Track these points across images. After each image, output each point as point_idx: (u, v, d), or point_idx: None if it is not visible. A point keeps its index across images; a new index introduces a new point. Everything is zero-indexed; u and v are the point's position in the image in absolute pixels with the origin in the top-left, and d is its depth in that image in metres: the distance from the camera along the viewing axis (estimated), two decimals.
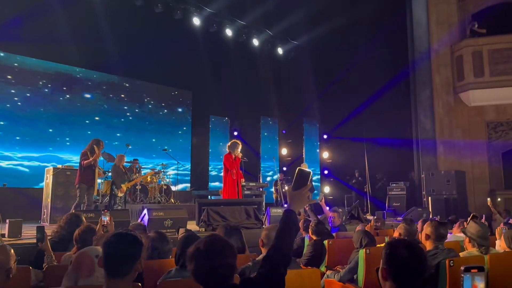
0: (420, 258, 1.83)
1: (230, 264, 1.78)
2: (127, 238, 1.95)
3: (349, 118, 14.47)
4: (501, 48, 11.42)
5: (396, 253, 1.82)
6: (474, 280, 1.35)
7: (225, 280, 1.75)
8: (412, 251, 1.82)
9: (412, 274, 1.80)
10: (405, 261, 1.79)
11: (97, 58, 10.95)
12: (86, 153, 7.15)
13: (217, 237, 1.90)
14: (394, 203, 11.68)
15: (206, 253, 1.76)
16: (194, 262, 1.75)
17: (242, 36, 13.67)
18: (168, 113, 13.47)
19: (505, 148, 11.78)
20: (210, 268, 1.73)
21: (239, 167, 8.14)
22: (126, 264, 1.88)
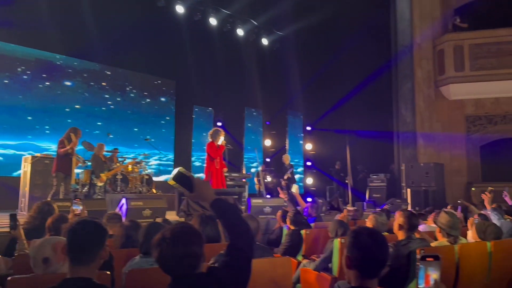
0: (382, 246, 1.85)
1: (196, 252, 1.73)
2: (90, 225, 1.93)
3: (332, 110, 14.57)
4: (482, 43, 11.60)
5: (359, 241, 1.84)
6: (428, 270, 1.38)
7: (190, 269, 1.72)
8: (374, 239, 1.84)
9: (375, 262, 1.82)
10: (368, 249, 1.81)
11: (78, 45, 10.73)
12: (63, 141, 7.05)
13: (184, 225, 1.86)
14: (374, 195, 11.86)
15: (171, 240, 1.71)
16: (158, 249, 1.72)
17: (226, 25, 13.58)
18: (150, 102, 13.33)
19: (483, 141, 12.03)
20: (174, 256, 1.70)
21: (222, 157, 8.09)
22: (89, 251, 1.87)
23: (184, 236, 1.75)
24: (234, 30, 13.83)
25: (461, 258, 3.29)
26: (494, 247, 3.50)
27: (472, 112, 12.13)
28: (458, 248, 3.32)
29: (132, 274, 2.23)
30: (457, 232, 3.61)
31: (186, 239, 1.73)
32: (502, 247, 3.58)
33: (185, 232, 1.77)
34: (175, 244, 1.71)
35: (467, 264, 3.32)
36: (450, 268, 3.24)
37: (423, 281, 1.37)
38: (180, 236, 1.74)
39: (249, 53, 14.08)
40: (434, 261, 1.39)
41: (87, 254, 1.86)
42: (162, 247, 1.71)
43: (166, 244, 1.71)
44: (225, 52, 13.18)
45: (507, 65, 11.29)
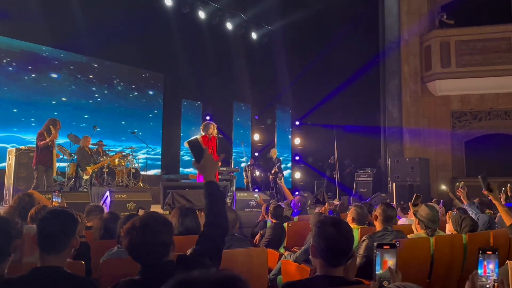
0: (345, 235, 1.90)
1: (165, 241, 1.77)
2: (61, 214, 1.95)
3: (320, 105, 14.63)
4: (468, 39, 11.73)
5: (323, 231, 1.89)
6: (384, 256, 1.44)
7: (159, 257, 1.75)
8: (338, 228, 1.89)
9: (338, 250, 1.86)
10: (331, 238, 1.86)
11: (65, 37, 10.62)
12: (42, 134, 6.98)
13: (154, 214, 1.91)
14: (361, 189, 11.98)
15: (139, 229, 1.75)
16: (128, 237, 1.75)
17: (215, 19, 13.52)
18: (138, 95, 13.26)
19: (468, 137, 12.20)
20: (143, 244, 1.73)
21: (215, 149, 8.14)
22: (59, 240, 1.88)
23: (153, 224, 1.78)
24: (223, 23, 13.79)
25: (436, 250, 3.36)
26: (469, 239, 3.58)
27: (458, 108, 12.29)
28: (434, 240, 3.39)
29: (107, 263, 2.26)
30: (435, 225, 3.68)
31: (155, 228, 1.77)
32: (477, 239, 3.66)
33: (154, 221, 1.81)
34: (144, 232, 1.75)
35: (442, 256, 3.39)
36: (425, 259, 3.31)
37: (380, 267, 1.44)
38: (149, 224, 1.77)
39: (238, 47, 14.05)
40: (390, 249, 1.45)
41: (57, 242, 1.87)
42: (131, 235, 1.75)
43: (135, 232, 1.75)
44: (214, 45, 13.14)
45: (492, 62, 11.45)
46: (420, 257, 3.26)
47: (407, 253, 3.15)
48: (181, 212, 3.21)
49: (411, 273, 3.19)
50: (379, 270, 1.43)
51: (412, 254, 3.20)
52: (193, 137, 2.04)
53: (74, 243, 1.93)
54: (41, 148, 6.94)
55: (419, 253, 3.26)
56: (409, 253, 3.17)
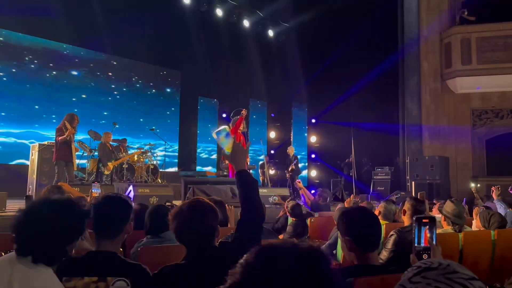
0: (372, 219, 1.98)
1: (211, 225, 1.83)
2: (116, 200, 1.98)
3: (337, 103, 14.54)
4: (489, 36, 11.52)
5: (348, 217, 1.95)
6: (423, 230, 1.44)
7: (206, 241, 1.81)
8: (364, 213, 1.98)
9: (367, 233, 1.89)
10: (357, 221, 1.92)
11: (85, 35, 10.77)
12: (61, 129, 7.10)
13: (200, 199, 1.95)
14: (379, 187, 11.87)
15: (188, 212, 1.81)
16: (176, 221, 1.82)
17: (232, 16, 13.55)
18: (156, 93, 13.38)
19: (489, 135, 11.99)
20: (190, 227, 1.79)
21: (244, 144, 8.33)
22: (115, 225, 1.91)
23: (200, 209, 1.84)
24: (240, 21, 13.81)
25: (465, 246, 3.32)
26: (498, 236, 3.53)
27: (479, 106, 12.08)
28: (462, 236, 3.35)
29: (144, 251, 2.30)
30: (462, 221, 3.64)
31: (201, 213, 1.83)
32: (505, 236, 3.61)
33: (201, 205, 1.87)
34: (192, 216, 1.81)
35: (471, 252, 3.35)
36: (453, 255, 3.27)
37: (418, 240, 1.44)
38: (197, 209, 1.84)
39: (255, 44, 14.06)
40: (429, 222, 1.45)
41: (113, 227, 1.90)
42: (179, 218, 1.82)
43: (184, 216, 1.81)
44: (230, 43, 13.17)
45: None
46: (449, 252, 3.22)
47: None
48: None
49: None
50: (418, 243, 1.44)
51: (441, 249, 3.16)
52: (221, 127, 2.04)
53: (128, 228, 1.96)
54: (60, 143, 7.06)
55: (448, 249, 3.22)
56: None
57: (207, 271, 1.64)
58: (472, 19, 11.83)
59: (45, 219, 1.60)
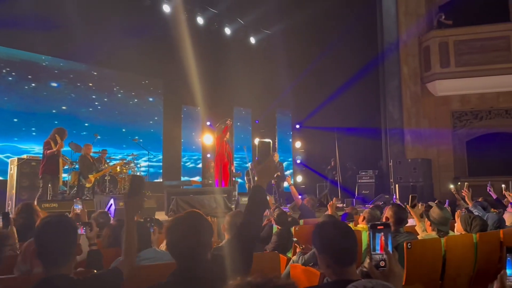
0: (347, 233, 1.90)
1: (205, 240, 1.80)
2: (57, 224, 1.83)
3: (320, 108, 14.62)
4: (466, 39, 11.74)
5: (325, 234, 1.88)
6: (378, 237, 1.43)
7: (198, 256, 1.77)
8: (338, 227, 1.92)
9: (345, 249, 1.84)
10: (334, 238, 1.84)
11: (64, 46, 10.61)
12: (49, 143, 6.98)
13: (195, 214, 1.90)
14: (363, 191, 11.95)
15: (182, 228, 1.77)
16: (169, 236, 1.78)
17: (214, 24, 13.55)
18: (138, 102, 13.25)
19: (469, 136, 12.19)
20: (184, 242, 1.75)
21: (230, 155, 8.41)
22: (61, 252, 1.78)
23: (194, 224, 1.80)
24: (221, 29, 13.81)
25: (448, 251, 3.34)
26: (480, 239, 3.56)
27: (458, 108, 12.29)
28: (445, 240, 3.36)
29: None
30: (447, 228, 3.67)
31: (196, 228, 1.78)
32: (487, 239, 3.64)
33: (195, 220, 1.82)
34: (186, 231, 1.76)
35: (454, 256, 3.37)
36: (437, 260, 3.29)
37: (375, 248, 1.42)
38: (191, 224, 1.79)
39: (237, 52, 14.06)
40: (384, 229, 1.43)
41: (59, 255, 1.77)
42: (172, 234, 1.78)
43: (177, 231, 1.77)
44: (213, 51, 13.15)
45: (491, 61, 11.46)
46: (432, 258, 3.24)
47: (419, 254, 3.12)
48: None
49: (424, 274, 3.17)
50: (374, 250, 1.42)
51: (424, 255, 3.17)
52: (267, 139, 2.03)
53: (77, 251, 1.87)
54: (48, 157, 6.94)
55: (431, 254, 3.24)
56: (421, 254, 3.14)
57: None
58: (450, 23, 12.06)
59: None
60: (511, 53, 11.38)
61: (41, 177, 6.97)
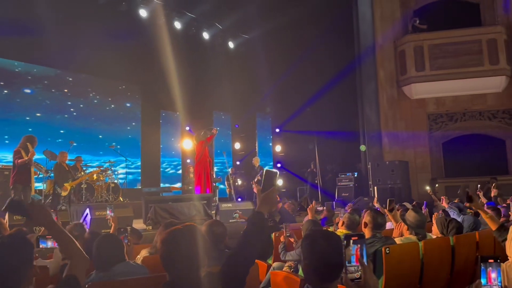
0: (337, 248, 1.73)
1: (200, 255, 1.76)
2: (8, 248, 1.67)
3: (300, 112, 14.70)
4: (440, 43, 12.01)
5: (313, 246, 1.79)
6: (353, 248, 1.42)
7: (191, 271, 1.73)
8: (329, 242, 1.78)
9: (331, 266, 1.75)
10: (323, 253, 1.75)
11: (37, 51, 10.35)
12: (19, 151, 6.75)
13: (191, 227, 1.85)
14: (343, 194, 12.04)
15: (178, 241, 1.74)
16: (164, 248, 1.74)
17: (191, 29, 13.46)
18: (115, 108, 13.03)
19: (445, 138, 12.45)
20: (179, 256, 1.72)
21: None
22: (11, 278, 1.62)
23: (190, 238, 1.76)
24: (199, 33, 13.74)
25: (426, 254, 3.36)
26: (456, 242, 3.61)
27: (434, 110, 12.53)
28: (423, 244, 3.39)
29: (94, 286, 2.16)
30: (423, 230, 3.70)
31: (193, 242, 1.75)
32: (463, 242, 3.69)
33: (192, 234, 1.78)
34: (183, 244, 1.73)
35: (431, 260, 3.40)
36: (415, 264, 3.31)
37: (353, 258, 1.42)
38: (187, 237, 1.76)
39: (216, 56, 14.01)
40: (358, 240, 1.43)
41: (9, 281, 1.62)
42: (168, 246, 1.74)
43: (173, 244, 1.73)
44: (191, 55, 13.05)
45: (465, 64, 11.74)
46: (410, 262, 3.26)
47: (398, 259, 3.14)
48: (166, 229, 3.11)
49: (403, 278, 3.18)
50: (351, 262, 1.42)
51: (403, 260, 3.19)
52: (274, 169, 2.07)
53: (33, 273, 1.71)
54: (19, 166, 6.70)
55: (409, 258, 3.26)
56: (399, 258, 3.16)
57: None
58: (424, 27, 12.30)
59: None
60: (483, 57, 11.69)
61: (12, 187, 6.75)
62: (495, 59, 11.63)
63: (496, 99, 12.10)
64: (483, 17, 12.50)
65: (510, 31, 11.84)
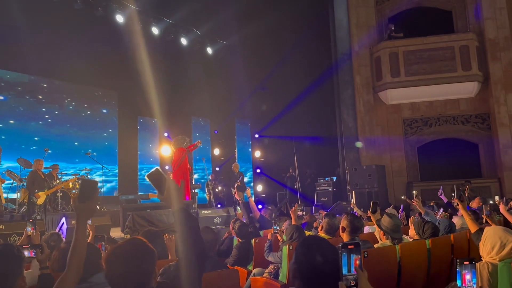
0: (332, 260, 1.60)
1: (147, 270, 1.71)
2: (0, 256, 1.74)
3: (278, 117, 14.79)
4: (414, 49, 12.29)
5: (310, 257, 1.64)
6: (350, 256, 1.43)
7: (140, 286, 1.68)
8: (324, 254, 1.63)
9: (324, 276, 1.60)
10: (318, 264, 1.61)
11: (10, 57, 10.12)
12: None
13: (136, 241, 1.82)
14: (322, 198, 12.13)
15: (122, 257, 1.68)
16: (109, 265, 1.67)
17: (169, 35, 13.39)
18: (91, 114, 12.81)
19: (420, 142, 12.72)
20: (124, 273, 1.66)
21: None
22: (2, 285, 1.69)
23: (135, 252, 1.71)
24: (177, 39, 13.67)
25: (403, 258, 3.42)
26: (432, 244, 3.68)
27: (409, 116, 12.80)
28: (399, 247, 3.45)
29: None
30: (399, 234, 3.76)
31: (137, 256, 1.70)
32: (439, 244, 3.78)
33: (136, 248, 1.73)
34: (126, 260, 1.67)
35: (408, 263, 3.46)
36: (392, 267, 3.37)
37: (346, 267, 1.42)
38: (131, 252, 1.70)
39: (194, 62, 13.97)
40: (354, 248, 1.45)
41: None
42: (112, 263, 1.67)
43: (116, 261, 1.67)
44: (169, 61, 12.98)
45: (438, 70, 12.05)
46: (387, 265, 3.31)
47: (375, 263, 3.18)
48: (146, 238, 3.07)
49: (380, 282, 3.22)
50: (345, 270, 1.43)
51: (380, 263, 3.24)
52: (152, 169, 1.97)
53: (20, 283, 1.73)
54: None
55: (387, 262, 3.31)
56: (376, 262, 3.21)
57: None
58: (400, 36, 12.56)
59: None
60: (456, 63, 12.01)
61: None
62: (467, 65, 11.98)
63: (469, 104, 12.45)
64: (456, 24, 12.87)
65: (482, 38, 12.22)
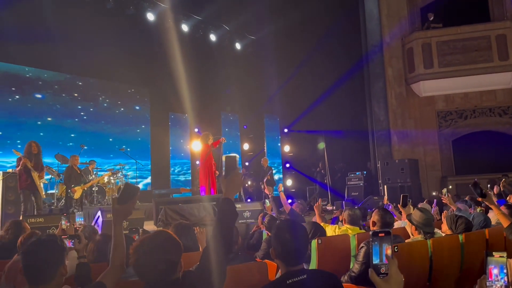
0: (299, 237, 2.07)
1: (172, 260, 1.78)
2: (44, 244, 1.90)
3: (308, 112, 14.70)
4: (448, 40, 11.92)
5: (279, 235, 2.05)
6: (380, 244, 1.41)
7: (164, 276, 1.75)
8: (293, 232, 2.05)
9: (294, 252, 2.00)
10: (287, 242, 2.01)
11: (47, 57, 10.51)
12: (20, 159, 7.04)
13: (162, 233, 1.90)
14: (353, 193, 11.99)
15: (148, 248, 1.76)
16: (135, 256, 1.76)
17: (198, 31, 13.54)
18: (124, 111, 13.16)
19: (455, 136, 12.35)
20: (149, 263, 1.74)
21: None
22: (45, 272, 1.84)
23: (161, 244, 1.79)
24: (206, 35, 13.81)
25: (434, 252, 3.36)
26: (466, 239, 3.59)
27: (443, 108, 12.44)
28: (431, 242, 3.39)
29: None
30: (431, 228, 3.68)
31: (163, 247, 1.78)
32: (473, 239, 3.68)
33: (163, 240, 1.82)
34: (152, 251, 1.76)
35: (440, 258, 3.40)
36: (424, 262, 3.32)
37: (376, 255, 1.41)
38: (158, 243, 1.79)
39: (223, 58, 14.07)
40: (385, 236, 1.42)
41: (42, 274, 1.83)
42: (139, 254, 1.75)
43: (143, 251, 1.76)
44: (199, 57, 13.13)
45: (473, 60, 11.64)
46: (419, 260, 3.26)
47: (406, 258, 3.15)
48: (177, 231, 3.17)
49: (412, 277, 3.19)
50: (376, 258, 1.41)
51: (411, 258, 3.20)
52: (232, 154, 2.09)
53: (62, 271, 1.89)
54: (19, 173, 6.99)
55: (418, 257, 3.26)
56: (408, 257, 3.17)
57: None
58: (439, 26, 12.20)
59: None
60: (492, 53, 11.57)
61: (21, 192, 7.01)
62: (504, 55, 11.51)
63: (506, 95, 11.98)
64: (492, 12, 12.38)
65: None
